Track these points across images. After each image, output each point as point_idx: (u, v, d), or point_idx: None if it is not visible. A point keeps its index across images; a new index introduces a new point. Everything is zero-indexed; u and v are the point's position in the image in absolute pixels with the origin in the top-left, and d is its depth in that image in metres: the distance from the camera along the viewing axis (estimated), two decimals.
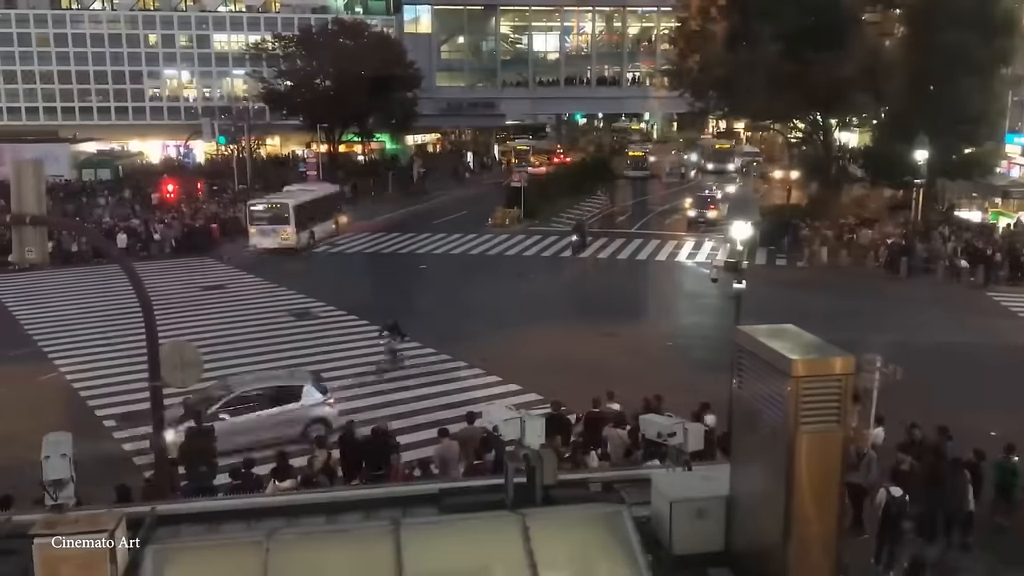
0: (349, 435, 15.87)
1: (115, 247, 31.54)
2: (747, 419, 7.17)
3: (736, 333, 7.32)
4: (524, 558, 6.76)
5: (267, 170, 64.23)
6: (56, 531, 6.75)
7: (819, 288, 31.89)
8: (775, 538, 6.67)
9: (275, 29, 71.02)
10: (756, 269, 32.79)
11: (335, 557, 6.89)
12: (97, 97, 77.46)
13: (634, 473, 9.34)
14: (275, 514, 8.07)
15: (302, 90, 62.46)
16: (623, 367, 22.27)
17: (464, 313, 28.79)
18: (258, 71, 66.43)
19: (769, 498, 6.74)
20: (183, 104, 78.29)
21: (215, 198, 51.75)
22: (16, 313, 29.50)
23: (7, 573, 6.92)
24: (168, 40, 77.53)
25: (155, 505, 8.36)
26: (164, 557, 6.75)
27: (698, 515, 7.41)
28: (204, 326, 27.20)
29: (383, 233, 44.94)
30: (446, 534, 7.20)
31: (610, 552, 7.08)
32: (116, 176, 61.91)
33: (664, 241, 41.82)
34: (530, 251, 40.65)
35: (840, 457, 6.63)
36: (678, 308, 30.91)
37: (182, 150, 65.20)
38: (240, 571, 6.61)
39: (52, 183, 46.47)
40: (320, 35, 64.38)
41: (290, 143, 73.60)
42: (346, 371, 22.95)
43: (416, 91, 66.31)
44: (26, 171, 12.58)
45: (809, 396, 6.41)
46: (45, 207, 13.04)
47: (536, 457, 7.85)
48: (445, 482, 10.34)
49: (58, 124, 74.27)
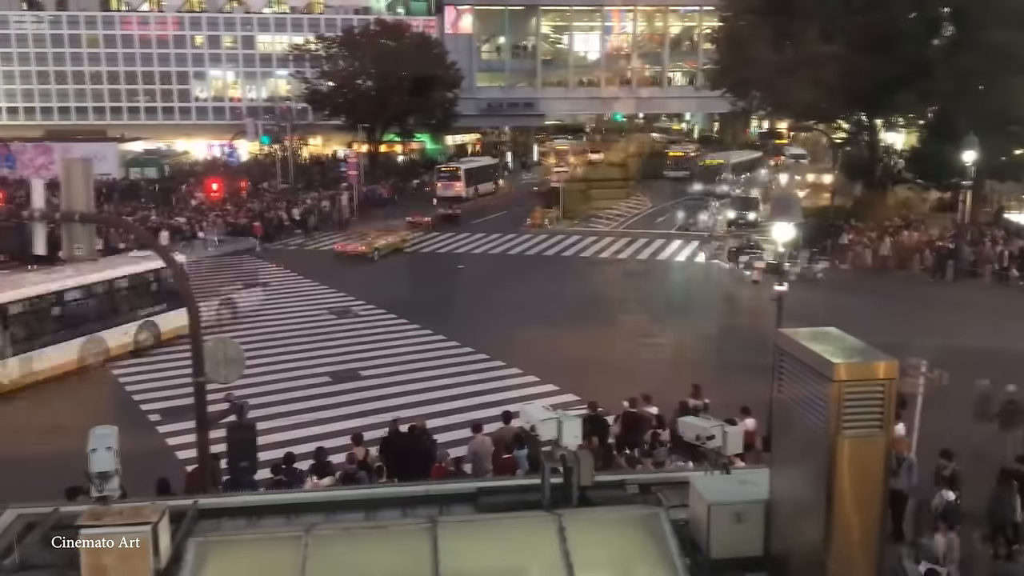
0: (393, 432, 15.98)
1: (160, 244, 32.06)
2: (787, 423, 7.08)
3: (777, 336, 7.23)
4: (560, 559, 6.75)
5: (309, 169, 64.97)
6: (101, 523, 6.89)
7: (862, 291, 31.40)
8: (815, 545, 6.58)
9: (318, 30, 71.75)
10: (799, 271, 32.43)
11: (373, 553, 6.94)
12: (144, 97, 78.91)
13: (672, 475, 9.27)
14: (314, 509, 8.15)
15: (344, 90, 63.06)
16: (661, 368, 22.15)
17: (502, 312, 28.83)
18: (301, 72, 67.20)
19: (809, 504, 6.65)
20: (228, 104, 79.44)
21: (258, 197, 52.41)
22: None
23: (55, 563, 7.07)
24: (214, 41, 78.74)
25: (197, 498, 8.49)
26: (205, 549, 6.85)
27: (737, 519, 7.33)
28: (247, 322, 27.58)
29: (422, 233, 45.17)
30: (483, 533, 7.22)
31: (647, 554, 7.04)
32: (162, 175, 63.03)
33: (705, 242, 41.46)
34: (568, 251, 40.58)
35: (883, 463, 6.51)
36: (718, 310, 30.63)
37: (226, 150, 66.20)
38: (279, 565, 6.69)
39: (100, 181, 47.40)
40: (362, 36, 64.93)
41: (332, 143, 74.32)
42: (385, 368, 23.13)
43: (456, 91, 66.57)
44: (75, 170, 12.85)
45: (851, 400, 6.31)
46: (93, 205, 13.30)
47: (573, 458, 7.84)
48: (482, 481, 10.37)
49: (107, 124, 75.82)
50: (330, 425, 18.76)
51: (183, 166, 68.34)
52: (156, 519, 6.94)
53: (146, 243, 26.20)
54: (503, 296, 31.31)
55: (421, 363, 23.80)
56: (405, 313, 28.32)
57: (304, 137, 69.71)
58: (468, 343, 25.08)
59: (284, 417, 19.30)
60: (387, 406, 19.25)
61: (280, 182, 56.47)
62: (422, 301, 30.42)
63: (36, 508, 8.24)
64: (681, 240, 42.24)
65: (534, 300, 30.96)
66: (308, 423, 19.11)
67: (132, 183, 59.80)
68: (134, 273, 25.02)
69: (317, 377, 22.55)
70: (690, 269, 37.19)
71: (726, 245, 37.81)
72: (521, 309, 29.35)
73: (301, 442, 16.99)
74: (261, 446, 14.86)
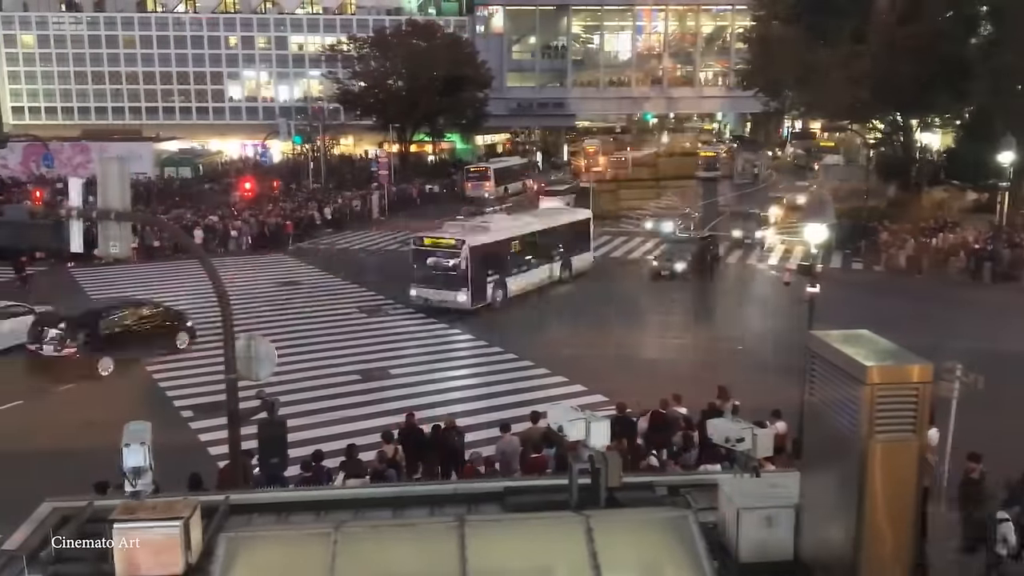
0: (414, 430, 16.06)
1: (194, 243, 32.46)
2: (819, 426, 7.01)
3: (809, 338, 7.16)
4: (587, 559, 6.73)
5: (341, 169, 65.42)
6: (134, 517, 7.00)
7: (896, 293, 30.97)
8: (846, 550, 6.51)
9: (350, 30, 72.25)
10: (831, 272, 32.10)
11: (401, 550, 6.97)
12: (179, 97, 79.89)
13: (701, 478, 9.22)
14: (343, 506, 8.22)
15: (375, 91, 63.42)
16: (690, 370, 22.03)
17: (530, 313, 28.81)
18: (333, 72, 67.68)
19: (840, 508, 6.57)
20: (261, 104, 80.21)
21: (290, 197, 52.88)
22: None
23: (88, 556, 7.18)
24: (248, 42, 79.56)
25: (228, 494, 8.58)
26: (236, 545, 6.92)
27: (766, 523, 7.28)
28: (278, 321, 27.83)
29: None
30: (510, 532, 7.22)
31: (675, 557, 7.00)
32: (196, 174, 63.77)
33: (735, 243, 41.12)
34: (598, 252, 40.43)
35: (916, 468, 6.43)
36: (748, 311, 30.38)
37: (259, 149, 66.83)
38: (309, 561, 6.74)
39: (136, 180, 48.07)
40: (394, 36, 65.25)
41: (363, 143, 74.77)
42: (414, 367, 23.23)
43: (487, 91, 66.68)
44: (111, 169, 13.05)
45: (884, 404, 6.23)
46: (129, 203, 13.50)
47: (601, 458, 7.82)
48: (510, 481, 10.37)
49: (142, 123, 76.90)
50: (360, 423, 18.87)
51: (216, 165, 69.09)
52: (188, 514, 7.04)
53: (181, 241, 26.61)
54: (532, 296, 31.28)
55: (450, 362, 23.89)
56: (434, 312, 28.40)
57: (336, 137, 70.18)
58: (497, 343, 25.11)
59: (314, 415, 19.45)
60: (416, 405, 19.30)
61: (312, 182, 56.92)
62: None
63: (71, 502, 8.38)
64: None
65: (563, 300, 30.90)
66: (338, 421, 19.25)
67: (167, 182, 60.60)
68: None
69: (347, 375, 22.70)
70: (721, 269, 36.88)
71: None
72: (552, 309, 29.31)
73: (331, 439, 17.11)
74: (291, 443, 15.01)
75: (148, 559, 6.87)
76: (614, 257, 39.23)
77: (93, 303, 27.19)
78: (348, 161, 71.09)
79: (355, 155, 74.22)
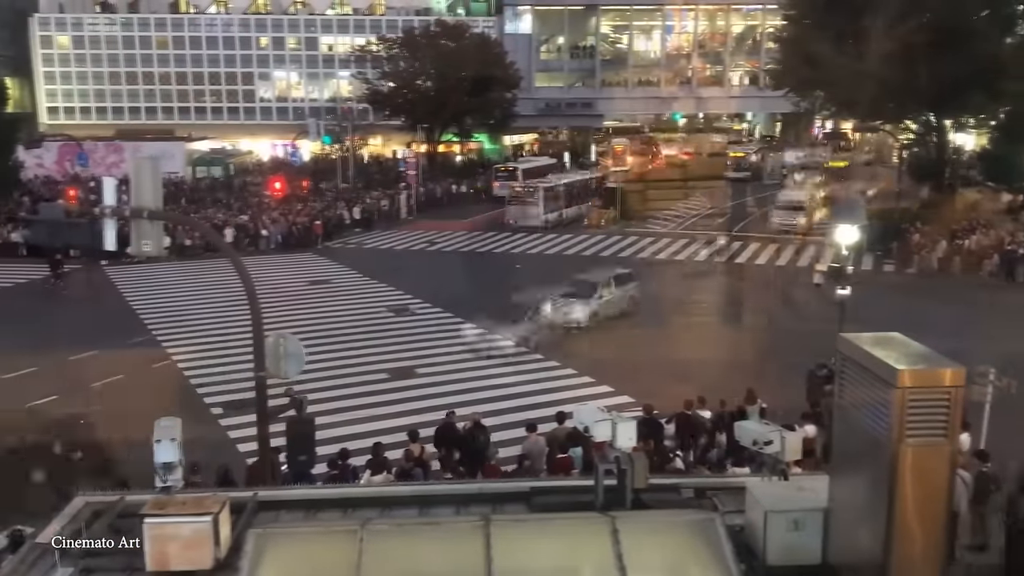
0: (447, 428, 16.12)
1: (225, 242, 32.82)
2: (849, 430, 6.95)
3: (839, 341, 7.10)
4: (613, 561, 6.72)
5: (369, 169, 65.78)
6: (165, 512, 7.09)
7: (928, 295, 30.55)
8: (876, 554, 6.44)
9: (379, 31, 72.52)
10: (862, 274, 31.74)
11: (427, 548, 7.01)
12: (211, 98, 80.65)
13: (728, 480, 9.18)
14: (370, 504, 8.27)
15: (404, 91, 63.66)
16: (718, 372, 21.86)
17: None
18: (362, 72, 68.02)
19: (870, 512, 6.51)
20: (291, 104, 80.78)
21: (319, 196, 53.28)
22: (132, 303, 31.06)
23: (120, 549, 7.28)
24: (278, 43, 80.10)
25: (257, 491, 8.67)
26: (265, 540, 6.99)
27: (794, 526, 7.22)
28: (307, 319, 28.04)
29: (479, 232, 45.37)
30: (535, 532, 7.23)
31: (701, 560, 6.97)
32: (227, 174, 64.40)
33: (764, 244, 40.84)
34: (626, 252, 40.34)
35: (948, 472, 6.36)
36: (778, 313, 30.12)
37: (289, 149, 67.29)
38: (336, 558, 6.79)
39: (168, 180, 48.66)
40: (423, 37, 65.44)
41: (392, 143, 75.06)
42: (441, 366, 23.30)
43: (515, 91, 66.69)
44: (144, 168, 13.23)
45: (916, 408, 6.16)
46: (161, 202, 13.67)
47: (627, 460, 7.80)
48: (535, 481, 10.38)
49: (174, 123, 77.72)
50: (387, 421, 18.96)
51: (247, 165, 69.71)
52: (217, 510, 7.12)
53: (213, 240, 26.91)
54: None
55: (476, 362, 23.92)
56: (461, 311, 28.47)
57: (365, 137, 70.55)
58: (524, 343, 25.06)
59: (342, 412, 19.60)
60: (443, 404, 19.36)
61: (341, 181, 57.31)
62: (478, 300, 30.52)
63: (103, 496, 8.52)
64: (739, 242, 41.65)
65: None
66: (365, 419, 19.37)
67: (198, 181, 61.29)
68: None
69: (375, 374, 22.83)
70: (750, 270, 36.65)
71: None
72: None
73: (358, 438, 17.23)
74: (319, 441, 15.13)
75: (178, 553, 6.97)
76: (641, 258, 39.11)
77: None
78: (376, 161, 71.47)
79: (383, 155, 74.60)
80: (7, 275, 36.07)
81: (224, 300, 29.48)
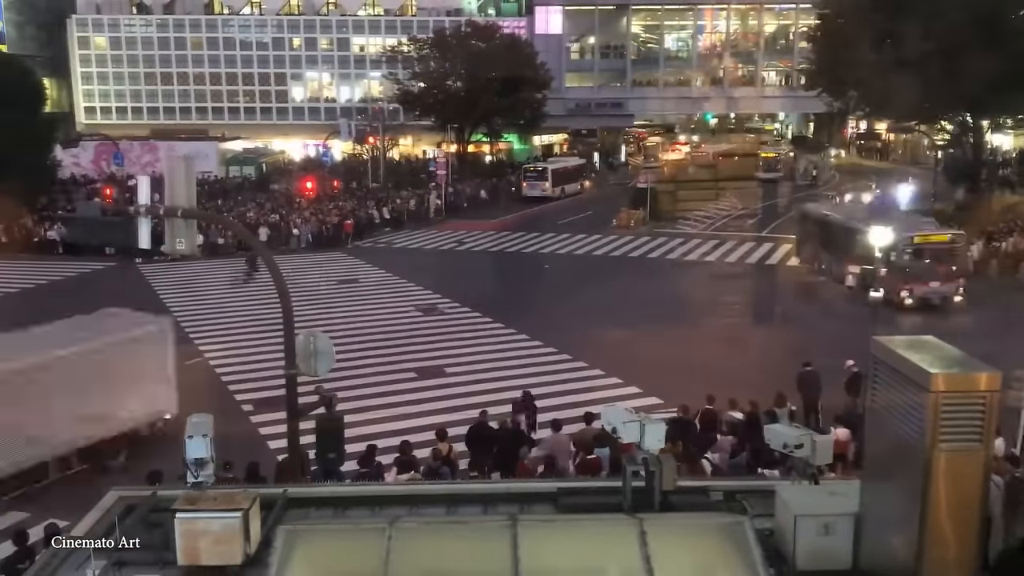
0: (480, 426, 16.16)
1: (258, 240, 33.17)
2: (881, 434, 6.86)
3: (872, 344, 7.01)
4: (641, 563, 6.69)
5: (400, 169, 66.09)
6: (196, 507, 7.18)
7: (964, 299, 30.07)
8: (908, 561, 6.36)
9: (411, 32, 72.82)
10: None
11: (454, 547, 7.02)
12: (244, 98, 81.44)
13: (758, 484, 9.10)
14: (398, 502, 8.30)
15: (434, 91, 63.87)
16: (748, 374, 21.66)
17: (586, 314, 28.71)
18: (393, 73, 68.37)
19: (902, 518, 6.42)
20: (323, 105, 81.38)
21: (350, 196, 53.65)
22: (166, 300, 31.48)
23: (152, 544, 7.38)
24: (311, 43, 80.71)
25: (287, 487, 8.75)
26: (294, 537, 7.05)
27: (824, 531, 7.14)
28: (337, 318, 28.24)
29: (508, 232, 45.41)
30: (563, 533, 7.22)
31: (730, 563, 6.92)
32: (259, 173, 65.04)
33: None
34: (654, 253, 40.16)
35: (982, 479, 6.25)
36: (809, 316, 29.81)
37: (321, 149, 67.80)
38: (364, 555, 6.83)
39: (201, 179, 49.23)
40: (453, 37, 65.61)
41: (422, 143, 75.37)
42: (469, 366, 23.34)
43: (545, 92, 66.67)
44: (178, 167, 13.41)
45: (949, 413, 6.07)
46: (195, 201, 13.84)
47: (655, 461, 7.76)
48: (563, 481, 10.37)
49: (208, 123, 78.59)
50: (414, 420, 19.03)
51: (279, 165, 70.36)
52: (248, 506, 7.19)
53: (246, 239, 27.19)
54: (587, 297, 31.20)
55: (504, 361, 23.93)
56: (490, 311, 28.53)
57: (395, 137, 70.95)
58: (551, 343, 25.07)
59: (371, 411, 19.69)
60: (471, 403, 19.41)
61: (371, 181, 57.64)
62: (507, 300, 30.60)
63: (136, 491, 8.64)
64: (771, 243, 41.29)
65: (619, 302, 30.74)
66: (394, 417, 19.45)
67: (230, 181, 61.97)
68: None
69: (403, 372, 22.93)
70: (781, 273, 36.33)
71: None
72: (605, 310, 29.17)
73: (386, 436, 17.30)
74: (348, 438, 15.24)
75: (208, 548, 7.04)
76: (669, 259, 38.92)
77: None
78: (407, 161, 71.81)
79: (413, 155, 74.93)
80: (44, 272, 36.76)
81: (255, 298, 29.77)
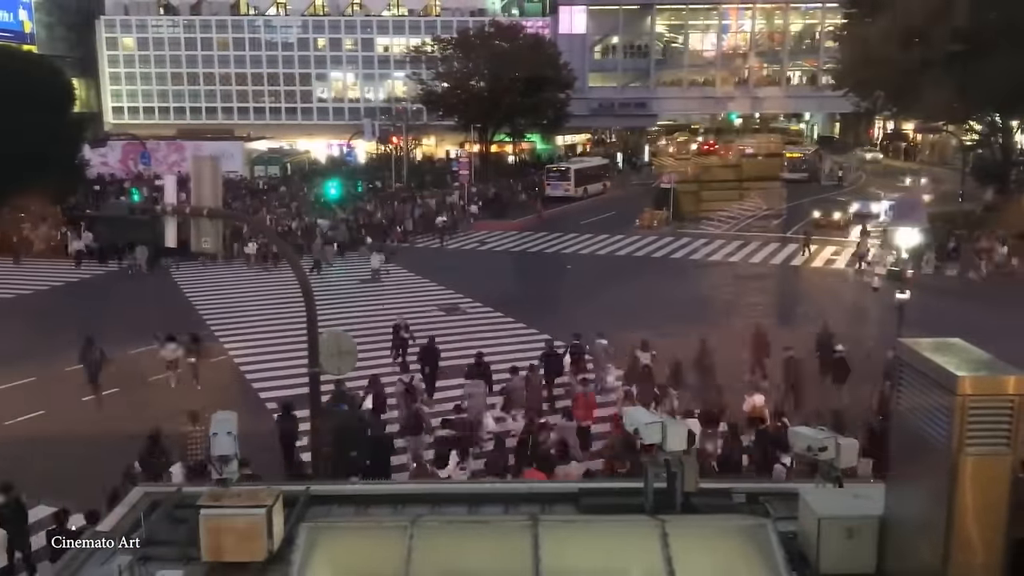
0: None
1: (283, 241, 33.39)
2: (907, 437, 6.79)
3: (898, 346, 6.94)
4: (662, 565, 6.67)
5: (422, 168, 66.28)
6: (221, 503, 7.24)
7: (992, 301, 29.70)
8: (933, 566, 6.28)
9: (434, 32, 73.05)
10: (922, 279, 30.99)
11: (475, 546, 7.03)
12: (269, 98, 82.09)
13: (781, 486, 9.04)
14: (420, 501, 8.33)
15: (458, 91, 63.99)
16: (772, 375, 21.52)
17: (608, 314, 28.61)
18: (417, 73, 68.60)
19: (927, 522, 6.35)
20: (347, 105, 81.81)
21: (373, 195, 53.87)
22: (192, 299, 31.76)
23: (177, 539, 7.46)
24: (335, 44, 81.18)
25: (309, 485, 8.80)
26: (316, 535, 7.09)
27: (848, 534, 7.08)
28: (359, 317, 28.36)
29: (530, 232, 45.38)
30: (584, 533, 7.21)
31: (752, 566, 6.88)
32: (284, 173, 65.49)
33: (821, 247, 40.13)
34: (677, 253, 39.98)
35: (1009, 483, 6.17)
36: (834, 317, 29.51)
37: (345, 149, 68.13)
38: (386, 553, 6.86)
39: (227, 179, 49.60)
40: (477, 37, 65.69)
41: (445, 143, 75.57)
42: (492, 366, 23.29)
43: (568, 92, 66.60)
44: (204, 167, 13.54)
45: (976, 416, 5.99)
46: (221, 200, 13.97)
47: (677, 463, 7.73)
48: (584, 482, 10.35)
49: (234, 123, 79.27)
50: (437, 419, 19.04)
51: (303, 165, 70.82)
52: (271, 503, 7.24)
53: (273, 240, 27.37)
54: (610, 297, 31.11)
55: (526, 362, 23.86)
56: (512, 311, 28.53)
57: (418, 137, 71.13)
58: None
59: (392, 410, 19.71)
60: (492, 402, 19.45)
61: (395, 181, 57.84)
62: (529, 300, 30.57)
63: (161, 487, 8.73)
64: (796, 244, 40.97)
65: (641, 302, 30.63)
66: None
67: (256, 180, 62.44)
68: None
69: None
70: (805, 273, 36.05)
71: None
72: (628, 311, 29.07)
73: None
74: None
75: (232, 544, 7.10)
76: (693, 259, 38.73)
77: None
78: (429, 161, 71.97)
79: (436, 155, 75.10)
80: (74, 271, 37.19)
81: (280, 297, 29.96)
